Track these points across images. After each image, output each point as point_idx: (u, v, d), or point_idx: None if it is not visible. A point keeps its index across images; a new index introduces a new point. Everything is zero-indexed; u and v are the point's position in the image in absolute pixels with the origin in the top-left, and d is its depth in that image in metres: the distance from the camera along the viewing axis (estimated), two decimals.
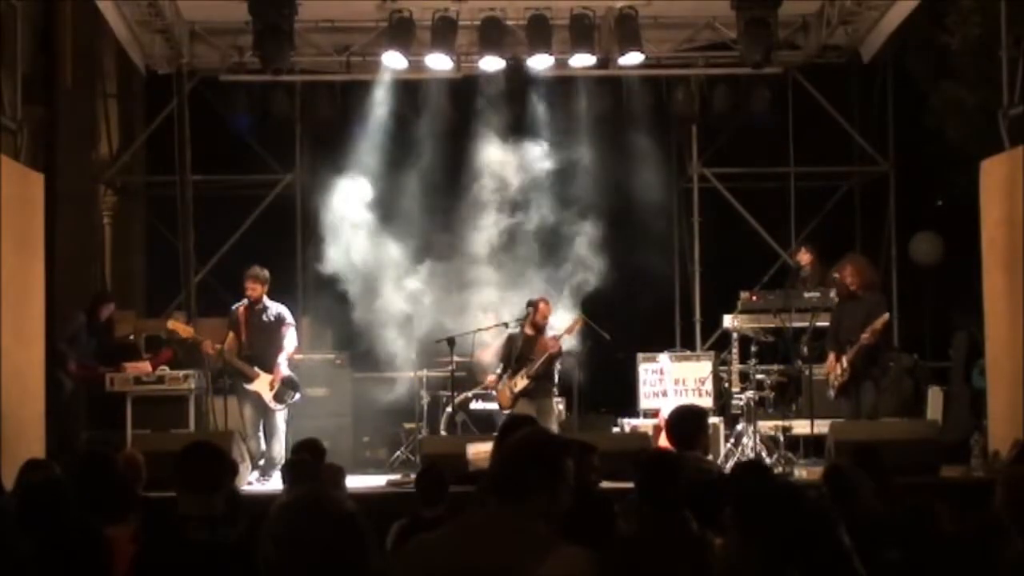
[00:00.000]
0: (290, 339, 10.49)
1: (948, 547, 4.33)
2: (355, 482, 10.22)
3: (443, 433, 11.30)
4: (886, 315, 10.36)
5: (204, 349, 10.49)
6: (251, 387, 10.31)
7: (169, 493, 4.56)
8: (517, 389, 10.63)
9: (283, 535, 2.71)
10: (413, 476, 7.90)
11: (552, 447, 3.31)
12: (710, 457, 7.75)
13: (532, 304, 10.83)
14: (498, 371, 10.94)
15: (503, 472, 3.26)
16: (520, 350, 10.78)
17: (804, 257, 12.75)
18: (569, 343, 11.01)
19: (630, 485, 5.00)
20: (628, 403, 11.90)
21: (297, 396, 10.52)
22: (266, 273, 10.47)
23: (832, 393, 10.38)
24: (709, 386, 11.48)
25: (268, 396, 10.31)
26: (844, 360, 10.22)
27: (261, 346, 10.38)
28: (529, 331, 10.79)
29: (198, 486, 4.35)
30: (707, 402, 11.24)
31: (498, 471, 3.30)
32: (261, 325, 10.41)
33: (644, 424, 11.32)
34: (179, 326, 10.62)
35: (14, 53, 10.10)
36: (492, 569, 3.04)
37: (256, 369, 10.30)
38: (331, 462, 7.34)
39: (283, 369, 10.37)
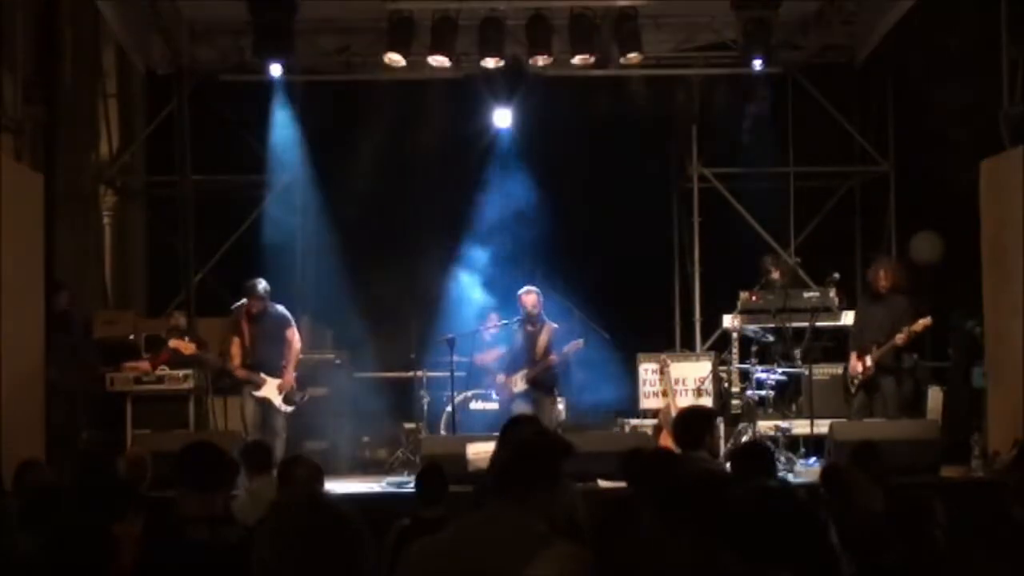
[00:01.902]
0: (295, 341, 10.49)
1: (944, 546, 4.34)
2: (355, 482, 10.26)
3: (443, 433, 11.31)
4: (928, 319, 10.45)
5: (211, 363, 10.47)
6: (260, 394, 10.30)
7: (170, 493, 4.56)
8: (516, 390, 10.68)
9: (277, 536, 2.71)
10: (413, 476, 7.90)
11: (553, 447, 3.32)
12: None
13: (518, 297, 10.83)
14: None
15: (504, 472, 3.26)
16: (520, 345, 10.80)
17: (775, 272, 12.61)
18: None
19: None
20: (628, 403, 11.91)
21: (306, 397, 10.56)
22: (266, 285, 10.48)
23: (852, 389, 10.51)
24: (709, 386, 11.48)
25: (278, 400, 10.31)
26: (868, 359, 10.34)
27: (265, 350, 10.38)
28: (527, 326, 10.78)
29: (198, 486, 4.35)
30: (707, 402, 11.24)
31: (499, 471, 3.30)
32: (264, 330, 10.41)
33: (644, 424, 11.33)
34: (181, 344, 10.60)
35: (14, 53, 10.11)
36: (495, 570, 3.04)
37: (262, 375, 10.30)
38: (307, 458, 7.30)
39: (291, 375, 10.38)
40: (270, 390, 10.30)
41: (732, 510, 3.38)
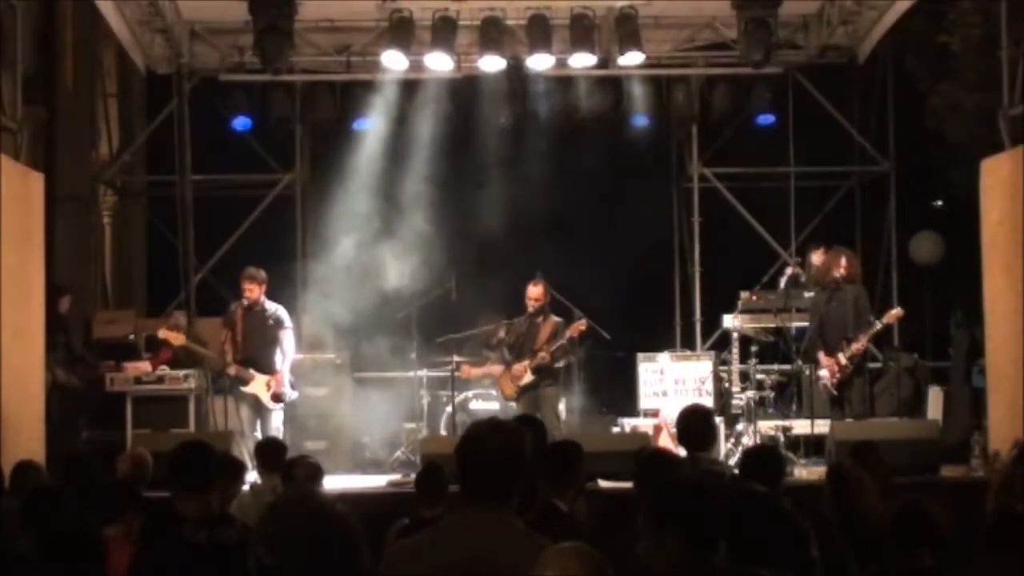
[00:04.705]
0: (289, 343, 10.45)
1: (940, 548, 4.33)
2: (355, 482, 10.25)
3: (443, 433, 11.29)
4: (900, 309, 10.51)
5: (209, 359, 10.49)
6: (248, 389, 10.29)
7: (169, 493, 4.55)
8: (522, 383, 10.60)
9: (273, 536, 2.71)
10: (413, 476, 7.89)
11: (516, 443, 3.29)
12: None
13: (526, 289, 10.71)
14: (500, 356, 10.90)
15: (476, 476, 3.25)
16: (521, 337, 10.72)
17: (816, 257, 12.44)
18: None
19: (630, 485, 4.99)
20: (628, 403, 11.90)
21: (295, 394, 10.52)
22: (263, 273, 10.44)
23: (835, 391, 10.39)
24: (709, 386, 11.47)
25: (266, 397, 10.28)
26: (842, 357, 10.23)
27: (257, 347, 10.34)
28: (529, 318, 10.70)
29: (191, 487, 4.34)
30: (707, 402, 11.22)
31: (471, 476, 3.28)
32: (258, 327, 10.37)
33: (644, 424, 11.32)
34: (170, 334, 10.51)
35: (14, 53, 10.09)
36: (479, 569, 3.04)
37: (251, 371, 10.28)
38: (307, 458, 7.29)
39: (284, 377, 10.33)
40: (258, 387, 10.27)
41: (721, 513, 3.39)
